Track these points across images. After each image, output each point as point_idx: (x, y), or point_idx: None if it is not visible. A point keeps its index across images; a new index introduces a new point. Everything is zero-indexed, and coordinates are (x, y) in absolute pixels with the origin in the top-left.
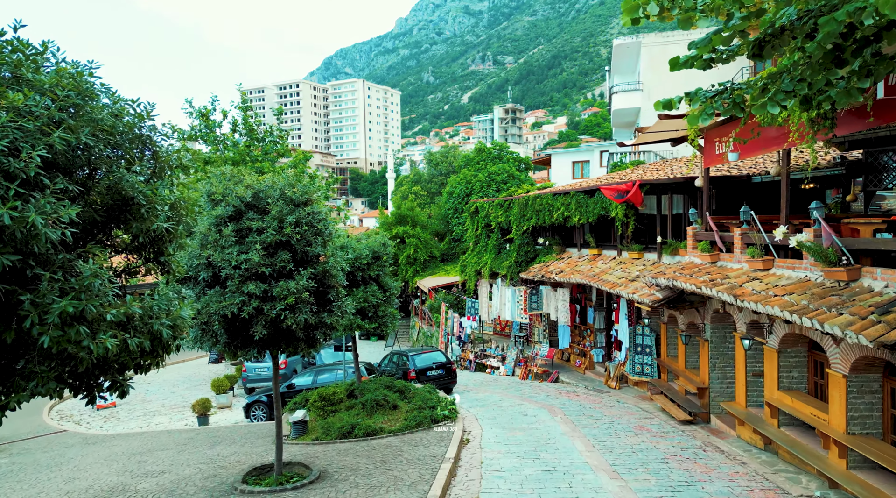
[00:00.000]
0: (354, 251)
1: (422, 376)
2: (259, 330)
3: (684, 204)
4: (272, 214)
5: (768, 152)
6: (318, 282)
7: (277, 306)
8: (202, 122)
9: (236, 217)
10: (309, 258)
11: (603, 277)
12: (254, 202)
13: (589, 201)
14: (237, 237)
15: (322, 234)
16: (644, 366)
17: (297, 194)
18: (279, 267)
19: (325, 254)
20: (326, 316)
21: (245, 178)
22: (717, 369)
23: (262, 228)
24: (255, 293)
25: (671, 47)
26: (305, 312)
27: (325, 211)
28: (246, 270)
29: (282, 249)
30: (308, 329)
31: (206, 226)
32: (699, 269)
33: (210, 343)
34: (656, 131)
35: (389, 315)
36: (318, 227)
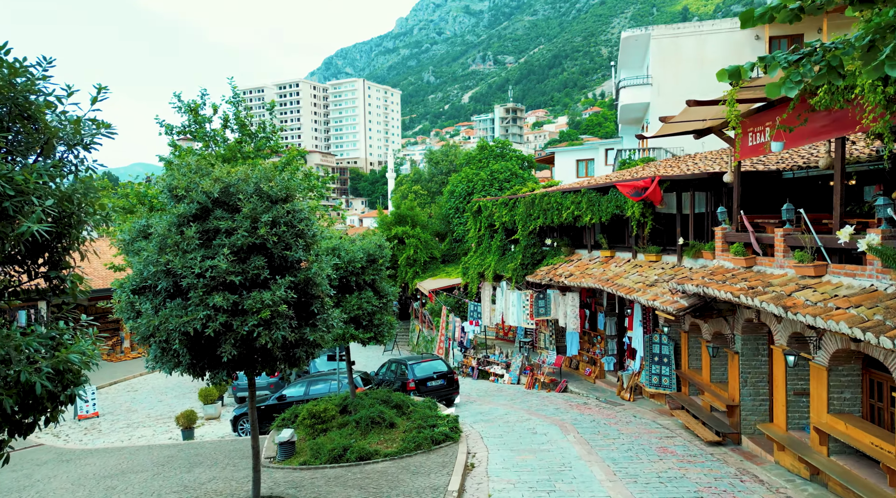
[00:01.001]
0: (347, 254)
1: (421, 387)
2: (227, 349)
3: (707, 202)
4: (244, 213)
5: (817, 141)
6: (299, 291)
7: (249, 321)
8: (191, 117)
9: (202, 216)
10: (288, 264)
11: (617, 282)
12: (223, 198)
13: (602, 199)
14: (202, 240)
15: (304, 236)
16: (662, 377)
17: (274, 189)
18: (252, 275)
19: (307, 259)
20: (309, 331)
21: (214, 169)
22: (748, 385)
23: (232, 229)
24: (222, 306)
25: (682, 39)
26: (283, 327)
27: (308, 209)
28: (212, 279)
29: (255, 253)
30: (287, 347)
31: (166, 226)
32: (732, 274)
33: (171, 365)
34: (681, 121)
35: (386, 323)
36: (300, 228)
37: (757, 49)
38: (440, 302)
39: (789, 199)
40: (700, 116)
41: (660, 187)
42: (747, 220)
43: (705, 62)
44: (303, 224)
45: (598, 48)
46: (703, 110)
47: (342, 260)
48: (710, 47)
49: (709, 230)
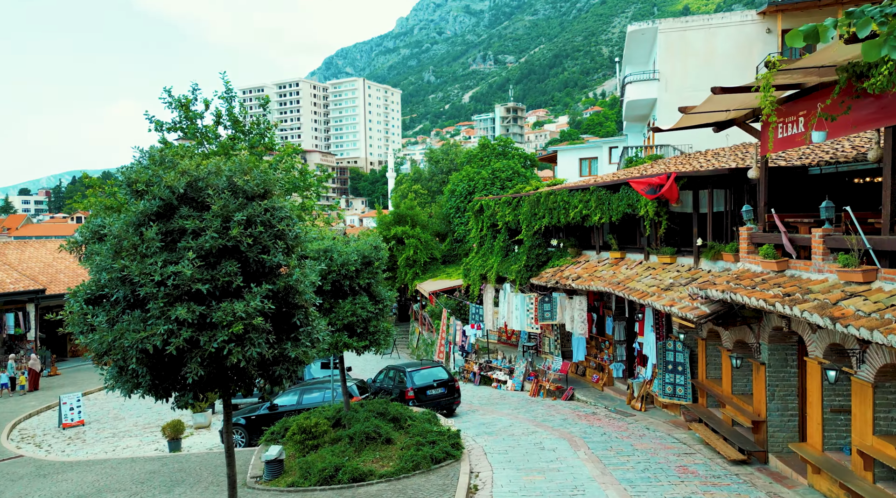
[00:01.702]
0: (340, 256)
1: (421, 396)
2: (194, 369)
3: (726, 200)
4: (214, 211)
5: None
6: (278, 301)
7: (219, 337)
8: (181, 113)
9: (165, 214)
10: (266, 270)
11: (629, 285)
12: (191, 194)
13: (612, 198)
14: (165, 242)
15: (284, 238)
16: (676, 387)
17: (250, 184)
18: (223, 283)
19: (288, 264)
20: (290, 347)
21: (180, 162)
22: (776, 399)
23: (200, 230)
24: (186, 319)
25: (690, 33)
26: (259, 343)
27: (290, 206)
28: (175, 288)
29: (227, 257)
30: (265, 366)
31: (122, 226)
32: (762, 279)
33: (128, 386)
34: (702, 112)
35: (382, 330)
36: (279, 228)
37: (769, 43)
38: (440, 304)
39: (814, 196)
40: (724, 106)
41: (676, 184)
42: (779, 220)
43: (714, 56)
44: (283, 224)
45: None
46: (727, 100)
47: (335, 263)
48: (720, 41)
49: (728, 230)
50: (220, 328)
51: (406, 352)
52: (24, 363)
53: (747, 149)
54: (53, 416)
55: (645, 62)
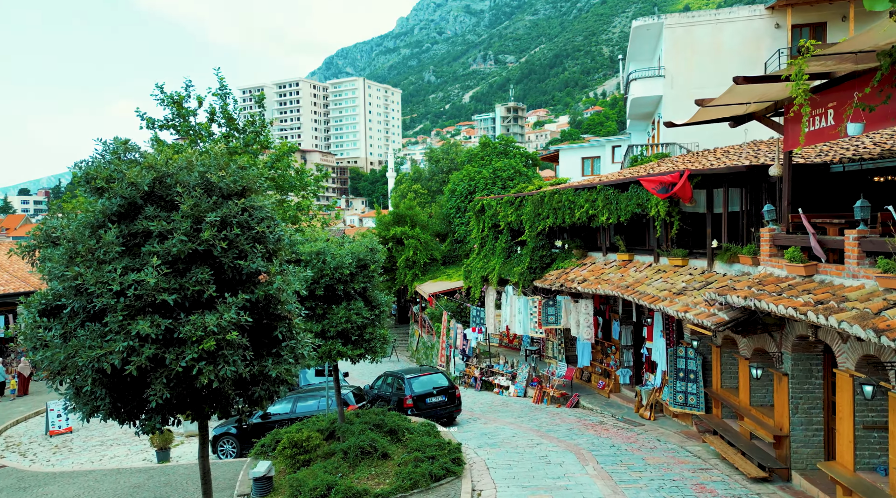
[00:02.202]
0: (334, 259)
1: (420, 404)
2: (158, 391)
3: (742, 200)
4: (183, 211)
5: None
6: (258, 312)
7: (187, 354)
8: (174, 110)
9: (127, 215)
10: (243, 277)
11: (639, 289)
12: (159, 192)
13: (620, 197)
14: (127, 246)
15: (264, 241)
16: (688, 396)
17: (226, 180)
18: (192, 292)
19: (268, 270)
20: (271, 364)
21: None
22: (800, 412)
23: (167, 232)
24: (149, 335)
25: (697, 28)
26: (235, 360)
27: (271, 206)
28: (137, 298)
29: (198, 263)
30: (242, 385)
31: (77, 228)
32: (789, 284)
33: (86, 409)
34: (721, 105)
35: (378, 338)
36: (259, 231)
37: (777, 38)
38: (440, 307)
39: (836, 196)
40: (744, 98)
41: (689, 183)
42: (807, 220)
43: (722, 53)
44: (263, 225)
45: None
46: (748, 91)
47: (328, 266)
48: (727, 36)
49: (745, 231)
50: (189, 344)
51: (405, 355)
52: (13, 367)
53: (759, 146)
54: (41, 422)
55: (649, 59)
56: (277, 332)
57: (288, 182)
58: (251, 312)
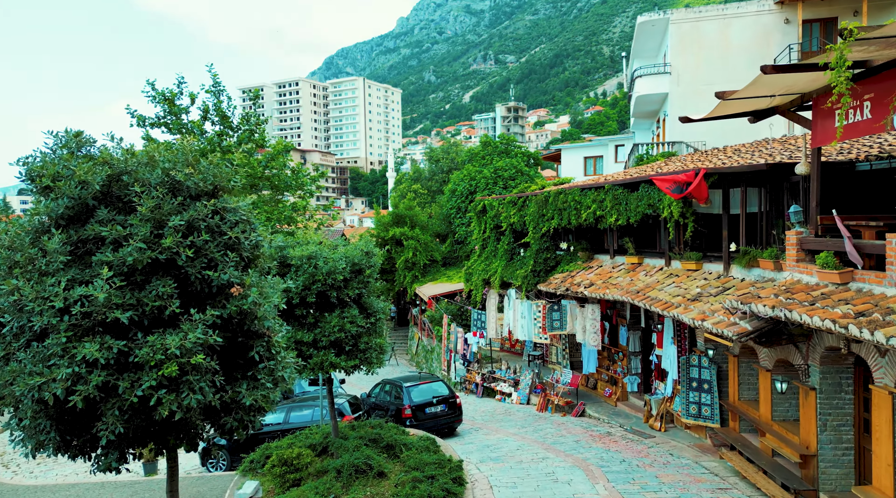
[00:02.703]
0: (326, 263)
1: (419, 413)
2: (110, 424)
3: (760, 200)
4: (142, 213)
5: None
6: (232, 329)
7: (144, 381)
8: (166, 107)
9: (78, 218)
10: (213, 290)
11: (651, 295)
12: (116, 191)
13: (630, 197)
14: (76, 255)
15: (238, 248)
16: (701, 407)
17: (195, 179)
18: (152, 308)
19: (242, 282)
20: (245, 390)
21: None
22: (829, 430)
23: (121, 239)
24: (98, 359)
25: (704, 24)
26: (201, 387)
27: (247, 207)
28: (84, 317)
29: (160, 274)
30: (211, 413)
31: (15, 234)
32: (822, 293)
33: (32, 442)
34: (743, 98)
35: (374, 347)
36: (232, 236)
37: (788, 34)
38: (440, 310)
39: (867, 194)
40: (769, 90)
41: (705, 182)
42: (841, 222)
43: (730, 49)
44: (237, 230)
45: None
46: (774, 83)
47: (320, 271)
48: (735, 32)
49: (764, 234)
50: (147, 370)
51: (405, 358)
52: None
53: (771, 144)
54: None
55: (654, 56)
56: (254, 352)
57: (283, 181)
58: (223, 330)
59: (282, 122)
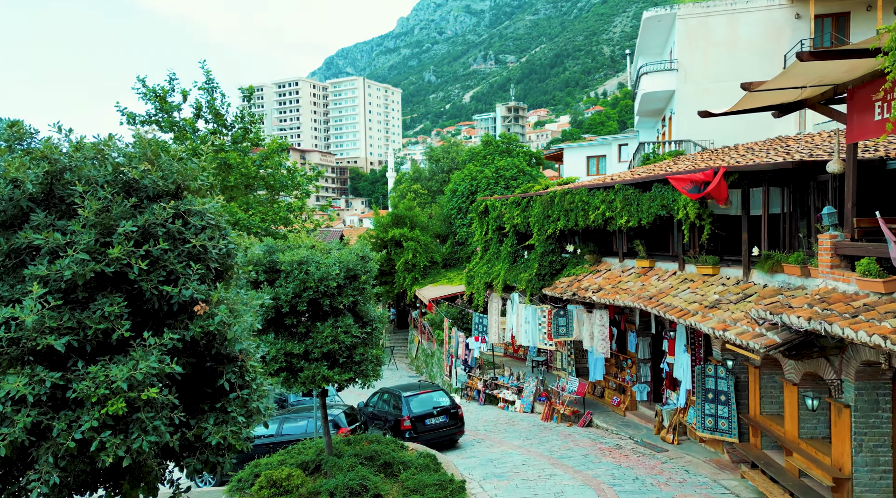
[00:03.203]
0: (319, 269)
1: (419, 425)
2: (44, 473)
3: (783, 201)
4: (85, 218)
5: None
6: (198, 354)
7: (85, 421)
8: (157, 104)
9: (10, 224)
10: (173, 309)
11: (665, 301)
12: (59, 192)
13: (642, 197)
14: (4, 268)
15: (204, 258)
16: (718, 420)
17: (152, 177)
18: (96, 332)
19: (207, 298)
20: (212, 425)
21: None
22: (864, 451)
23: (59, 248)
24: (26, 396)
25: (712, 19)
26: (156, 426)
27: (217, 209)
28: (10, 343)
29: (109, 290)
30: (170, 454)
31: None
32: (864, 304)
33: None
34: (772, 89)
35: (371, 359)
36: (196, 244)
37: (798, 29)
38: (441, 313)
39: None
40: (799, 81)
41: (725, 181)
42: (885, 225)
43: (738, 45)
44: (203, 237)
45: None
46: (806, 73)
47: (311, 277)
48: (744, 27)
49: (788, 237)
50: (89, 407)
51: (405, 362)
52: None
53: (787, 142)
54: None
55: (660, 52)
56: (224, 379)
57: (279, 181)
58: (186, 355)
59: (281, 122)
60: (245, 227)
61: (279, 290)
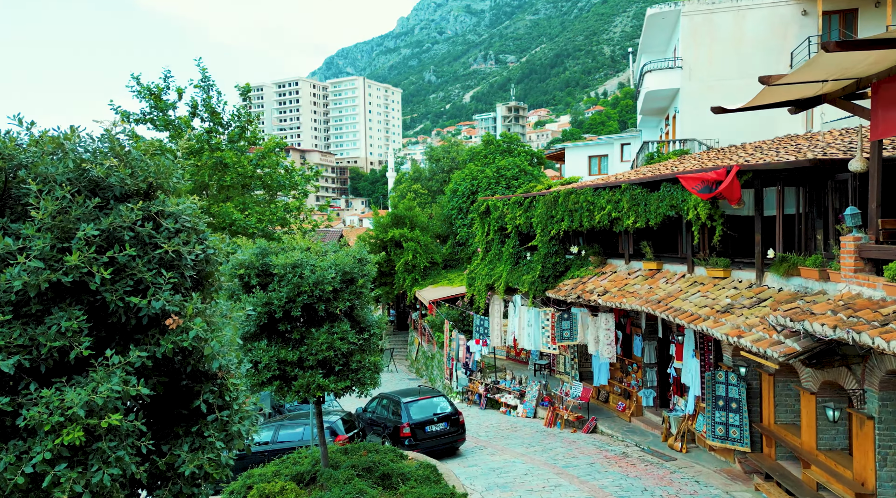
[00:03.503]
0: (313, 273)
1: (419, 432)
2: None
3: (798, 201)
4: (41, 220)
5: None
6: (171, 372)
7: (36, 453)
8: (152, 102)
9: None
10: (142, 323)
11: (674, 305)
12: (13, 190)
13: (650, 197)
14: None
15: (177, 265)
16: (729, 428)
17: (119, 174)
18: (52, 350)
19: (181, 310)
20: (186, 452)
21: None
22: (889, 465)
23: (10, 255)
24: None
25: (717, 16)
26: (120, 457)
27: (193, 210)
28: None
29: (67, 302)
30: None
31: None
32: (894, 310)
33: None
34: (793, 83)
35: (368, 366)
36: (168, 250)
37: (805, 26)
38: (442, 315)
39: None
40: (821, 75)
41: (738, 180)
42: None
43: (744, 42)
44: (176, 241)
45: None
46: (829, 66)
47: (306, 281)
48: (750, 24)
49: (804, 238)
50: (42, 437)
51: (405, 364)
52: None
53: (796, 140)
54: None
55: (663, 50)
56: (201, 400)
57: (276, 181)
58: (159, 373)
59: (281, 122)
60: (241, 227)
61: (272, 294)
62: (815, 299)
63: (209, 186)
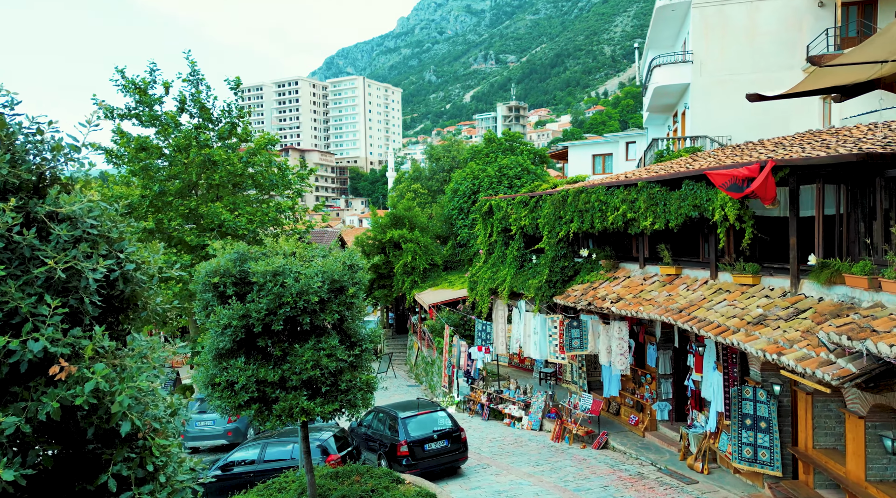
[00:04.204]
0: (298, 281)
1: (417, 450)
2: None
3: (838, 200)
4: None
5: None
6: (69, 436)
7: None
8: (137, 97)
9: None
10: (19, 372)
11: (697, 315)
12: None
13: (670, 197)
14: None
15: (76, 287)
16: (758, 449)
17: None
18: None
19: (77, 352)
20: None
21: None
22: None
23: None
24: None
25: (729, 8)
26: None
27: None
28: None
29: None
30: None
31: None
32: None
33: None
34: (847, 64)
35: (360, 386)
36: (60, 267)
37: (821, 18)
38: (442, 319)
39: None
40: (881, 54)
41: (773, 177)
42: None
43: (757, 35)
44: (74, 254)
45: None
46: (886, 46)
47: (289, 291)
48: (764, 16)
49: (846, 242)
50: None
51: (404, 369)
52: None
53: (821, 135)
54: None
55: (672, 44)
56: (107, 475)
57: (269, 180)
58: (53, 439)
59: (281, 122)
60: (230, 229)
61: (250, 305)
62: (873, 313)
63: (198, 185)
